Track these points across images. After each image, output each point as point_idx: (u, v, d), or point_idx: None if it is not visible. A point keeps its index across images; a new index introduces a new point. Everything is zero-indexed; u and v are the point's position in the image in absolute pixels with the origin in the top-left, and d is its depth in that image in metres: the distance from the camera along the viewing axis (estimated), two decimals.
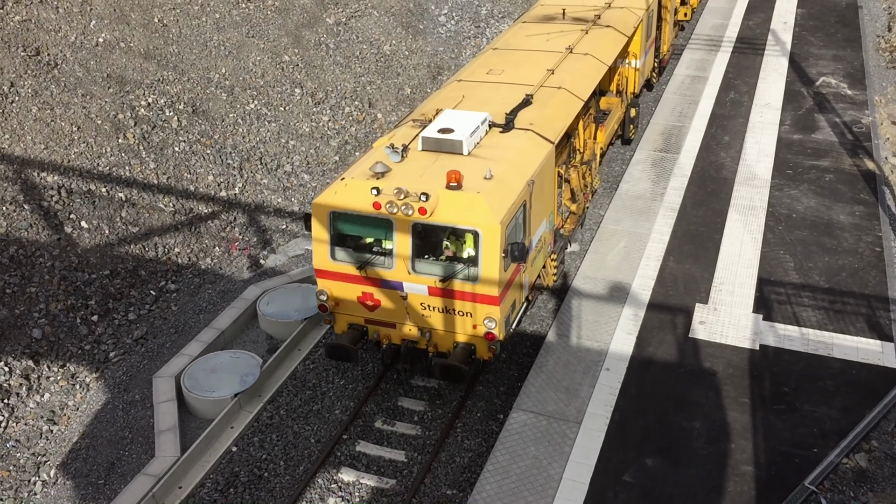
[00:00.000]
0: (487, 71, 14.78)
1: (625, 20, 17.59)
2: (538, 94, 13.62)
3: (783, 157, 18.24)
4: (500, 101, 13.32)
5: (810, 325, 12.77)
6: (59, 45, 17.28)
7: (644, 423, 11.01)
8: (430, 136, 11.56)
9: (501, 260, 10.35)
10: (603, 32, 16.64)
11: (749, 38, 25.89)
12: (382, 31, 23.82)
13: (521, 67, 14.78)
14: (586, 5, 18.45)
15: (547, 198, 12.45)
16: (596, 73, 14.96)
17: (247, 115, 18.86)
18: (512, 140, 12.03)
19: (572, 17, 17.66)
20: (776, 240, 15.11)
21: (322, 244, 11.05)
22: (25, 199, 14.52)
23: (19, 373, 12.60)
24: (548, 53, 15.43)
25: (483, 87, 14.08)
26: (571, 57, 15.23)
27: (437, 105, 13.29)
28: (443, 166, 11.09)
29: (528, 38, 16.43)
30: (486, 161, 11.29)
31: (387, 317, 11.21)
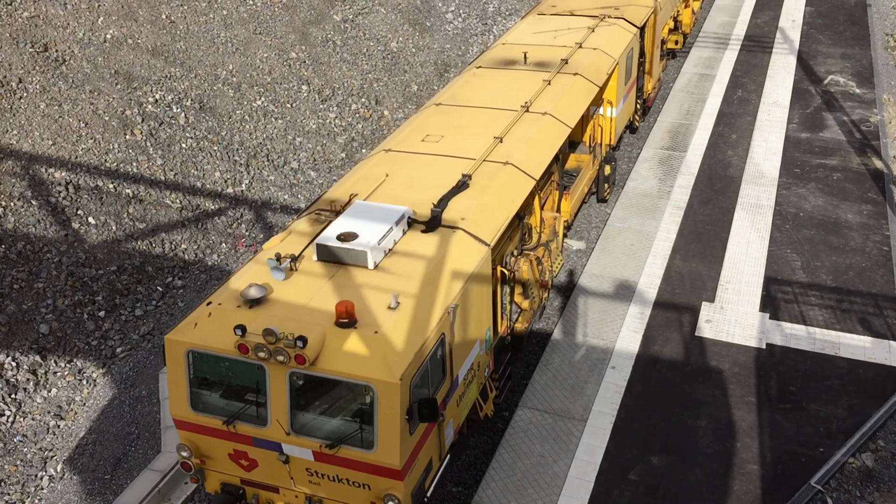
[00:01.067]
0: (424, 136, 12.12)
1: (597, 66, 14.83)
2: (479, 172, 10.99)
3: (791, 156, 18.19)
4: (431, 182, 10.73)
5: (817, 325, 12.73)
6: (67, 41, 17.32)
7: (650, 422, 11.00)
8: (327, 244, 8.98)
9: (404, 423, 7.96)
10: (569, 83, 13.90)
11: (757, 36, 25.81)
12: (389, 28, 23.82)
13: (464, 133, 12.17)
14: (554, 45, 15.71)
15: (480, 314, 9.78)
16: (555, 139, 12.38)
17: (254, 112, 18.89)
18: (435, 244, 9.42)
19: (535, 61, 14.88)
20: (783, 238, 15.07)
21: (180, 388, 8.66)
22: (33, 194, 14.57)
23: (27, 368, 12.66)
24: (499, 112, 12.83)
25: (414, 160, 11.43)
26: (527, 118, 12.65)
27: (353, 186, 10.77)
28: (338, 287, 8.71)
29: (479, 91, 13.76)
30: (397, 278, 8.82)
31: (267, 479, 8.89)
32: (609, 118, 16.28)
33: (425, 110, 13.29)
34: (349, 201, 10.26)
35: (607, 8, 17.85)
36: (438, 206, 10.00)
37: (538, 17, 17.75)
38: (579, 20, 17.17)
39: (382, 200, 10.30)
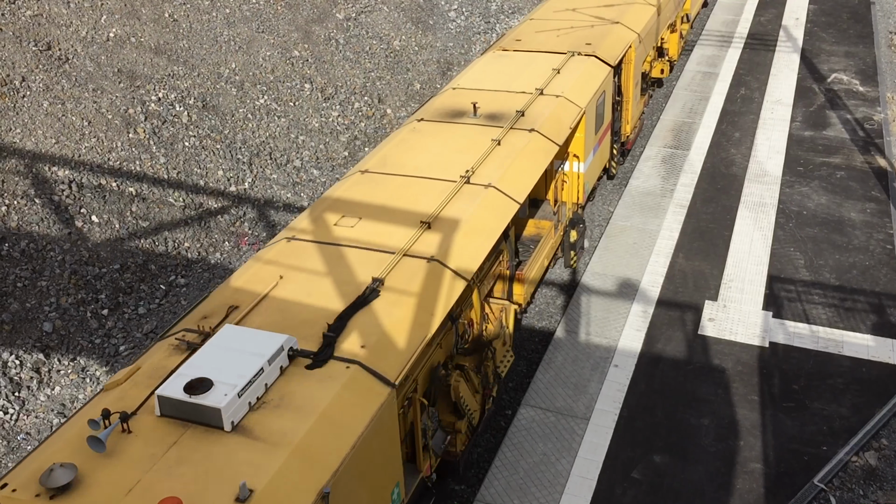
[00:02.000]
0: (339, 217, 9.83)
1: (558, 118, 12.62)
2: (396, 272, 8.70)
3: (794, 154, 18.16)
4: (333, 287, 8.46)
5: (820, 323, 12.72)
6: (70, 39, 17.34)
7: (652, 420, 11.00)
8: (171, 396, 6.60)
9: None
10: (522, 143, 11.56)
11: (760, 34, 25.77)
12: (392, 26, 23.81)
13: (387, 213, 9.78)
14: (511, 90, 13.45)
15: (381, 475, 7.42)
16: (499, 219, 10.11)
17: (256, 111, 18.90)
18: (321, 387, 7.04)
19: (486, 112, 12.57)
20: (786, 237, 15.06)
21: None
22: (36, 193, 14.59)
23: (30, 366, 12.68)
24: (433, 184, 10.48)
25: (319, 253, 9.15)
26: (466, 192, 10.28)
27: (234, 295, 8.45)
28: (179, 462, 6.26)
29: (414, 153, 11.45)
30: (261, 447, 6.40)
31: None
32: (576, 174, 14.01)
33: (348, 179, 10.94)
34: (224, 318, 7.90)
35: (578, 43, 15.57)
36: (333, 328, 7.66)
37: (499, 53, 15.33)
38: (544, 58, 14.85)
39: (266, 318, 8.00)
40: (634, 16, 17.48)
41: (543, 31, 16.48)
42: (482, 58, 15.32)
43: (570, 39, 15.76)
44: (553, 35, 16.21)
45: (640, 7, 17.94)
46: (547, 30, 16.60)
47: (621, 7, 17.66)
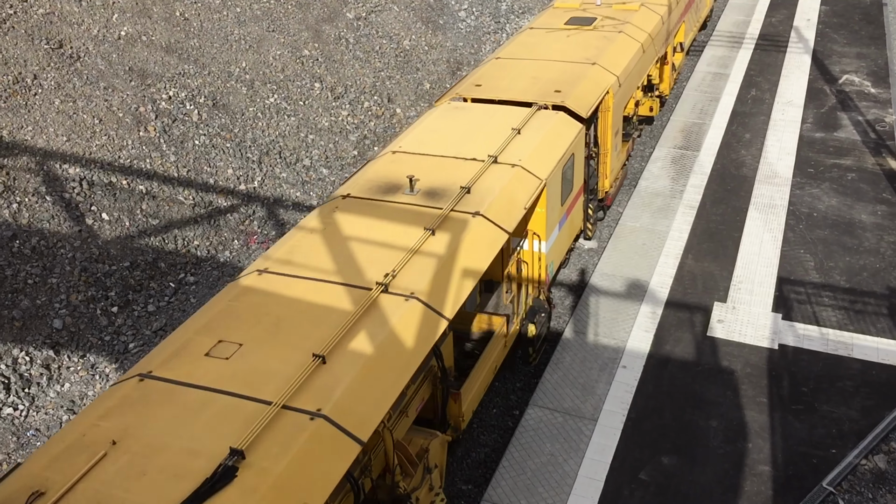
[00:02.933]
0: (212, 345, 7.78)
1: (512, 195, 10.61)
2: (270, 436, 6.59)
3: (805, 156, 18.09)
4: (179, 462, 6.38)
5: (830, 325, 12.67)
6: (82, 38, 17.41)
7: (660, 422, 10.98)
8: None
9: None
10: (462, 231, 9.60)
11: (771, 35, 25.68)
12: (402, 25, 23.83)
13: (272, 342, 7.72)
14: (459, 155, 11.40)
15: None
16: (419, 346, 8.06)
17: (266, 109, 18.94)
18: None
19: (425, 188, 10.54)
20: (797, 239, 15.00)
21: None
22: (48, 190, 14.66)
23: (40, 362, 12.74)
24: (338, 295, 8.43)
25: (170, 405, 7.05)
26: (382, 304, 8.27)
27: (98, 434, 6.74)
28: None
29: (325, 249, 9.32)
30: None
31: None
32: (536, 255, 11.98)
33: (247, 277, 8.99)
34: None
35: (546, 89, 13.59)
36: None
37: (453, 107, 13.25)
38: (504, 113, 12.75)
39: None
40: (615, 54, 15.35)
41: (509, 73, 14.43)
42: (433, 111, 13.08)
43: (538, 85, 13.72)
44: (519, 78, 14.15)
45: (621, 43, 15.87)
46: (513, 71, 14.52)
47: (600, 44, 15.62)
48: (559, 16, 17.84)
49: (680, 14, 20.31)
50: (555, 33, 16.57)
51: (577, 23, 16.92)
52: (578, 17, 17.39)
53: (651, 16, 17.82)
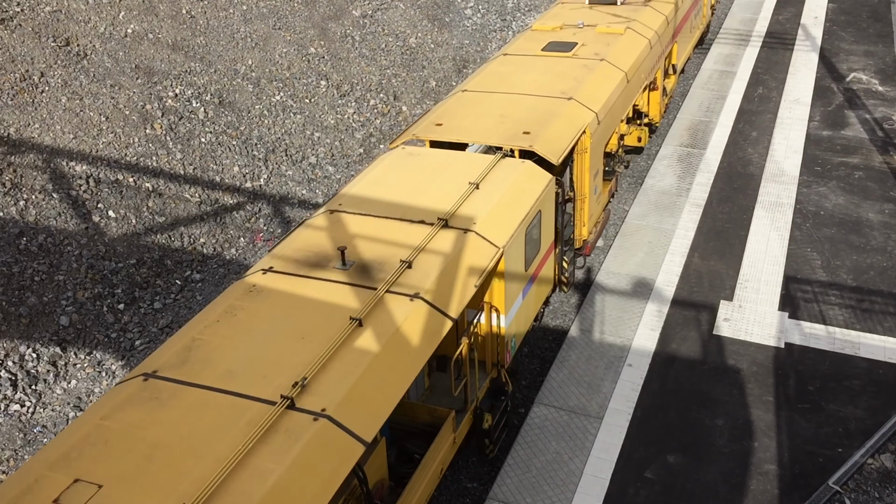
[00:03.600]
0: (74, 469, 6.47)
1: (461, 272, 9.03)
2: None
3: (812, 154, 18.03)
4: None
5: (837, 324, 12.63)
6: (89, 35, 17.45)
7: (666, 420, 10.96)
8: None
9: None
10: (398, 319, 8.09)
11: (779, 33, 25.60)
12: (408, 23, 23.82)
13: (160, 460, 6.44)
14: (404, 218, 9.86)
15: None
16: (333, 477, 6.54)
17: (272, 107, 18.96)
18: None
19: (359, 260, 9.00)
20: (803, 237, 14.95)
21: None
22: (54, 188, 14.70)
23: (47, 359, 12.78)
24: (233, 409, 6.91)
25: None
26: (285, 427, 6.74)
27: None
28: None
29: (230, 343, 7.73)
30: None
31: None
32: (495, 329, 10.28)
33: (126, 385, 7.40)
34: None
35: (514, 130, 12.06)
36: None
37: (407, 152, 11.60)
38: (463, 161, 11.16)
39: None
40: (594, 86, 13.80)
41: (474, 110, 12.92)
42: (384, 159, 11.43)
43: (505, 125, 12.23)
44: (485, 116, 12.64)
45: (603, 74, 14.30)
46: (479, 107, 13.02)
47: (579, 74, 14.14)
48: (536, 40, 16.07)
49: (672, 35, 18.66)
50: (529, 61, 14.93)
51: (555, 49, 15.33)
52: (557, 42, 15.70)
53: (637, 40, 16.10)
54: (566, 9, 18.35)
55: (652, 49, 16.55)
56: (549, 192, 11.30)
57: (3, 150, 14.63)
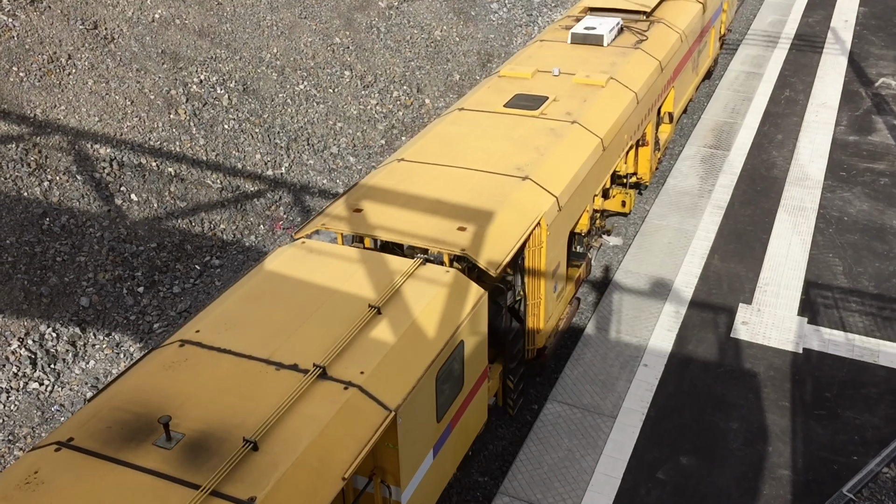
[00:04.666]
0: None
1: (332, 451, 6.64)
2: None
3: (837, 159, 17.84)
4: None
5: (856, 331, 12.50)
6: (117, 19, 17.56)
7: (680, 421, 10.91)
8: None
9: None
10: None
11: (808, 36, 25.32)
12: (434, 16, 23.79)
13: None
14: (273, 359, 7.49)
15: None
16: None
17: (296, 96, 19.01)
18: None
19: (189, 437, 6.56)
20: (826, 242, 14.81)
21: None
22: (78, 170, 14.84)
23: (66, 339, 12.92)
24: None
25: None
26: None
27: None
28: None
29: None
30: None
31: None
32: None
33: None
34: None
35: (448, 223, 9.71)
36: None
37: (306, 247, 9.36)
38: (372, 267, 8.90)
39: None
40: (559, 161, 11.38)
41: (406, 189, 10.53)
42: (273, 260, 9.13)
43: (439, 214, 9.86)
44: (416, 199, 10.28)
45: (573, 142, 11.87)
46: (413, 184, 10.62)
47: (543, 142, 11.69)
48: (501, 91, 13.54)
49: (667, 81, 16.07)
50: (487, 121, 12.41)
51: (521, 104, 12.84)
52: (524, 95, 13.23)
53: (621, 95, 13.58)
54: (545, 48, 15.58)
55: (639, 104, 14.08)
56: (480, 310, 8.93)
57: (30, 130, 14.77)
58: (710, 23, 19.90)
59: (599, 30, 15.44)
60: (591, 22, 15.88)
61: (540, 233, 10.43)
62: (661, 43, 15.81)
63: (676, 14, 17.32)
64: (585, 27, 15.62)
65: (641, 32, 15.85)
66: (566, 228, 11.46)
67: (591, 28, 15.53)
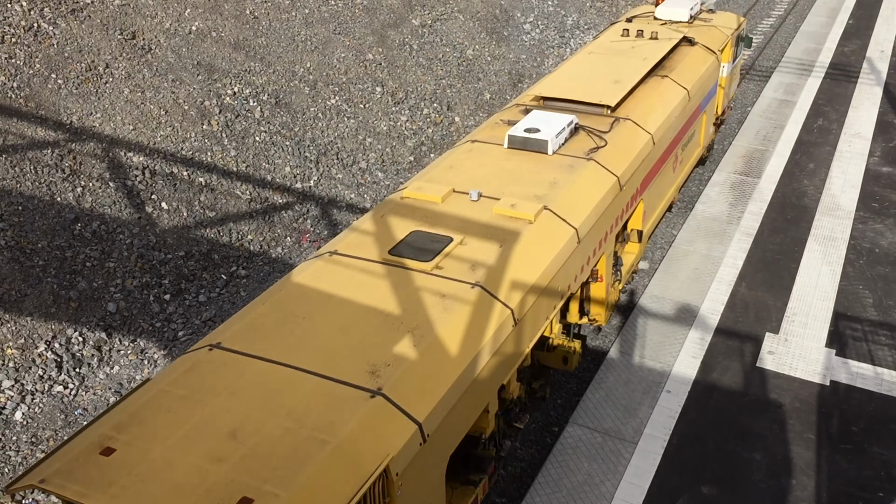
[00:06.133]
0: None
1: None
2: None
3: (869, 190, 17.63)
4: None
5: (886, 365, 12.30)
6: (155, 30, 17.86)
7: (702, 450, 10.77)
8: None
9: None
10: None
11: (843, 65, 25.12)
12: (466, 35, 23.92)
13: None
14: None
15: None
16: None
17: (327, 110, 19.17)
18: None
19: None
20: (856, 274, 14.61)
21: None
22: (111, 177, 15.05)
23: (92, 344, 13.05)
24: None
25: None
26: None
27: None
28: None
29: None
30: None
31: None
32: None
33: None
34: None
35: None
36: None
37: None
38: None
39: None
40: (444, 352, 7.73)
41: (181, 428, 6.77)
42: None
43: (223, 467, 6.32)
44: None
45: (473, 315, 8.24)
46: (205, 403, 7.01)
47: (434, 316, 8.05)
48: (396, 224, 9.77)
49: (631, 197, 12.41)
50: (358, 280, 8.62)
51: (411, 251, 9.08)
52: (422, 235, 9.42)
53: (555, 233, 9.91)
54: (474, 154, 11.64)
55: (583, 242, 10.44)
56: None
57: (66, 137, 15.02)
58: (700, 109, 15.99)
59: (544, 132, 11.70)
60: (537, 120, 12.13)
61: (385, 486, 6.74)
62: (624, 149, 12.12)
63: (650, 108, 13.47)
64: (527, 128, 11.83)
65: (600, 135, 12.14)
66: (438, 464, 7.65)
67: (534, 130, 11.79)
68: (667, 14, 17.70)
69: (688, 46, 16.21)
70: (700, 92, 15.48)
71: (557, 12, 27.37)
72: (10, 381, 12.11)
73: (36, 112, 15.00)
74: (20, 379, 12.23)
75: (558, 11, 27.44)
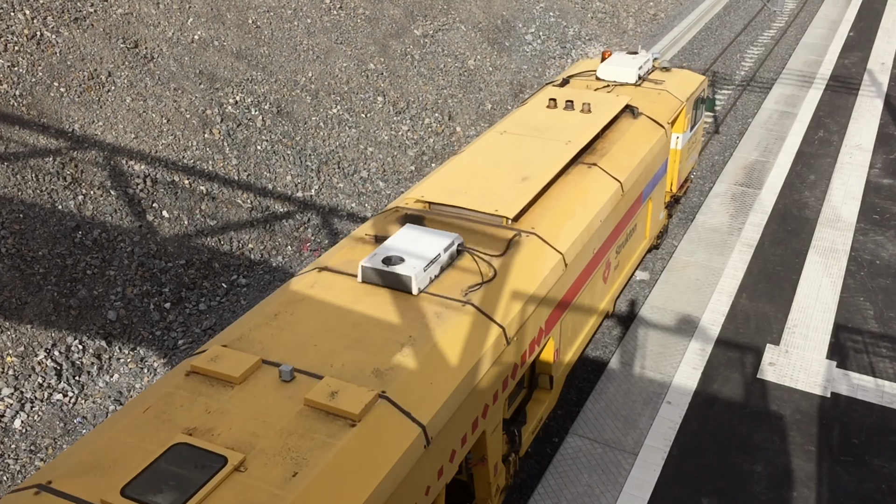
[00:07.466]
0: None
1: None
2: None
3: (870, 201, 17.63)
4: None
5: (887, 377, 12.27)
6: (157, 39, 17.91)
7: (703, 462, 10.73)
8: None
9: None
10: None
11: (843, 77, 25.18)
12: (468, 45, 23.98)
13: None
14: None
15: None
16: None
17: (329, 119, 19.20)
18: None
19: None
20: (857, 286, 14.59)
21: None
22: (113, 185, 15.06)
23: (92, 352, 13.03)
24: None
25: None
26: None
27: None
28: None
29: None
30: None
31: None
32: None
33: None
34: None
35: None
36: None
37: None
38: None
39: None
40: None
41: None
42: None
43: None
44: None
45: None
46: None
47: None
48: (169, 419, 6.78)
49: (530, 343, 9.42)
50: None
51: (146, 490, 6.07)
52: (188, 449, 6.32)
53: (390, 441, 6.71)
54: (317, 289, 8.53)
55: (430, 447, 7.22)
56: None
57: (67, 145, 15.05)
58: (642, 199, 13.23)
59: (409, 264, 8.52)
60: (405, 241, 8.93)
61: None
62: (521, 280, 9.12)
63: (564, 215, 10.40)
64: (387, 257, 8.61)
65: (489, 261, 9.14)
66: None
67: (397, 260, 8.56)
68: (610, 74, 14.65)
69: (629, 120, 13.10)
70: (641, 179, 12.57)
71: (559, 23, 27.46)
72: (9, 389, 12.09)
73: (38, 120, 15.04)
74: (20, 387, 12.21)
75: (560, 22, 27.53)
